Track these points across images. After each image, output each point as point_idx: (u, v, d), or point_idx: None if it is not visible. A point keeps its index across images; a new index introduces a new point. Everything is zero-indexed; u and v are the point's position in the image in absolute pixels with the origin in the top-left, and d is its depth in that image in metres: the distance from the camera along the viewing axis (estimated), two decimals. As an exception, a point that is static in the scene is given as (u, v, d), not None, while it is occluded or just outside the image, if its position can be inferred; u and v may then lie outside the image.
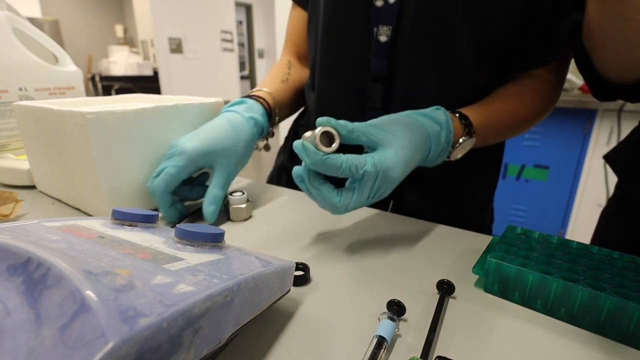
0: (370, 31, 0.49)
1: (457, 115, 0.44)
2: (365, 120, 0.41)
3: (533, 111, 0.50)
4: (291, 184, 0.62)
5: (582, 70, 0.48)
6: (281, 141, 0.70)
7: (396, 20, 0.47)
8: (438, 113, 0.41)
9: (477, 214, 0.60)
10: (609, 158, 0.54)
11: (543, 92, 0.50)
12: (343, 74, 0.54)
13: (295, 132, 0.66)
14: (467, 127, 0.44)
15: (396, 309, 0.28)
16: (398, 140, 0.36)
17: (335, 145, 0.34)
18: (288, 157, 0.65)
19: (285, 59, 0.64)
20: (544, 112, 0.51)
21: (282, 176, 0.67)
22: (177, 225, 0.26)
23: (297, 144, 0.34)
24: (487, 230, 0.61)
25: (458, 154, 0.44)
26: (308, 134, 0.37)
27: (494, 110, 0.48)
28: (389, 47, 0.49)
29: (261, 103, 0.52)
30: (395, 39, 0.48)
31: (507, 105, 0.48)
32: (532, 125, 0.52)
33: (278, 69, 0.62)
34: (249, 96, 0.53)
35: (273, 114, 0.54)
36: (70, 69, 0.70)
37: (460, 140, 0.43)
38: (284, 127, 0.65)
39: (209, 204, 0.43)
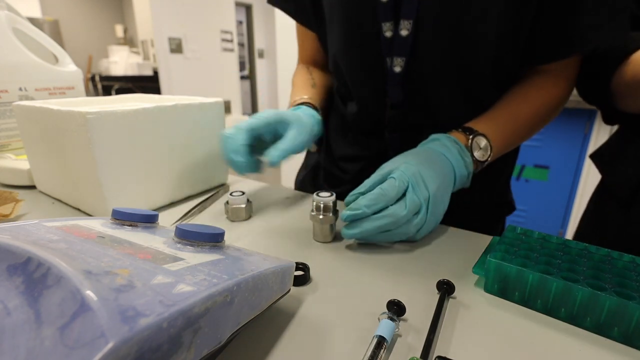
0: (384, 62, 0.49)
1: (459, 130, 0.45)
2: (385, 145, 0.52)
3: (541, 109, 0.49)
4: (329, 181, 0.63)
5: (597, 101, 0.51)
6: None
7: (410, 52, 0.47)
8: (449, 148, 0.42)
9: (491, 218, 0.60)
10: (595, 157, 0.57)
11: (552, 89, 0.49)
12: (362, 100, 0.56)
13: (324, 135, 0.67)
14: (467, 131, 0.44)
15: (396, 309, 0.28)
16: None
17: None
18: (326, 155, 0.65)
19: (302, 67, 0.65)
20: (555, 108, 0.50)
21: (317, 174, 0.67)
22: (177, 226, 0.26)
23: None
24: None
25: (483, 155, 0.44)
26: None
27: (501, 113, 0.48)
28: (402, 77, 0.49)
29: (317, 110, 0.54)
30: (409, 69, 0.48)
31: (514, 109, 0.48)
32: (544, 122, 0.51)
33: (302, 76, 0.63)
34: (302, 104, 0.54)
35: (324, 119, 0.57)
36: (70, 69, 0.70)
37: (469, 142, 0.44)
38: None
39: (274, 151, 0.44)
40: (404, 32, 0.46)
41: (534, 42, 0.46)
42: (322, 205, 0.40)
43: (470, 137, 0.44)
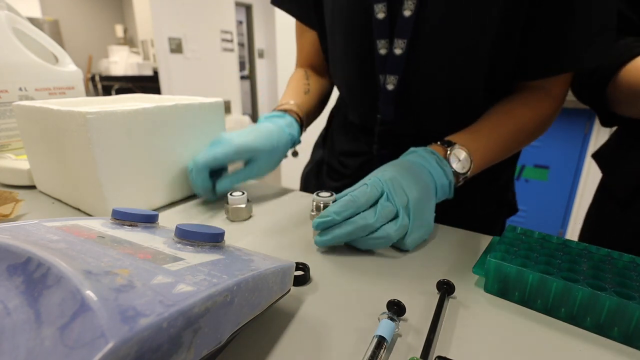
0: (377, 79, 0.49)
1: (438, 142, 0.45)
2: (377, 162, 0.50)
3: (527, 125, 0.49)
4: (331, 175, 0.64)
5: (594, 105, 0.51)
6: (311, 138, 0.72)
7: (403, 71, 0.47)
8: (428, 162, 0.42)
9: (490, 218, 0.60)
10: (596, 156, 0.57)
11: (540, 105, 0.49)
12: (356, 113, 0.56)
13: (330, 131, 0.67)
14: (445, 143, 0.44)
15: (396, 309, 0.28)
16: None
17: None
18: (329, 151, 0.66)
19: (300, 70, 0.65)
20: (542, 125, 0.50)
21: (321, 169, 0.68)
22: (177, 225, 0.26)
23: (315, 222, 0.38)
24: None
25: (463, 167, 0.43)
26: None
27: (484, 127, 0.48)
28: (395, 95, 0.49)
29: (297, 119, 0.56)
30: (401, 87, 0.48)
31: (498, 123, 0.48)
32: (531, 138, 0.50)
33: (297, 80, 0.63)
34: (285, 110, 0.56)
35: (303, 128, 0.58)
36: (70, 69, 0.70)
37: (448, 153, 0.43)
38: (317, 124, 0.67)
39: (226, 181, 0.49)
40: (397, 51, 0.46)
41: (524, 58, 0.46)
42: (321, 205, 0.40)
43: (448, 149, 0.43)
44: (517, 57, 0.46)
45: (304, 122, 0.58)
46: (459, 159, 0.43)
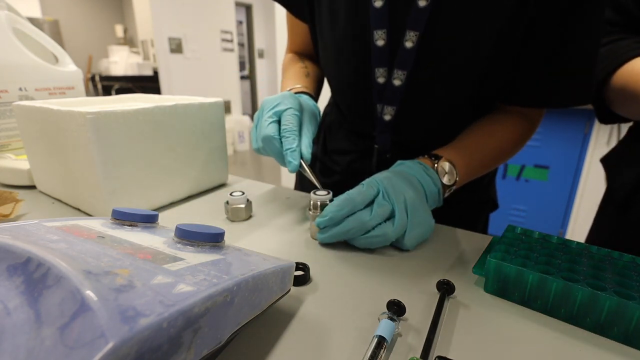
0: (374, 108, 0.49)
1: (425, 156, 0.46)
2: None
3: (506, 144, 0.49)
4: (323, 172, 0.64)
5: (593, 101, 0.52)
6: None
7: (400, 101, 0.47)
8: (424, 178, 0.42)
9: (473, 214, 0.61)
10: (603, 161, 0.58)
11: (518, 127, 0.49)
12: (351, 124, 0.56)
13: (322, 129, 0.67)
14: (432, 157, 0.45)
15: (396, 309, 0.28)
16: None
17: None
18: (321, 148, 0.65)
19: (294, 55, 0.64)
20: (518, 144, 0.51)
21: (314, 167, 0.67)
22: (177, 225, 0.26)
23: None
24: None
25: (449, 179, 0.44)
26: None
27: (468, 144, 0.48)
28: (392, 125, 0.49)
29: (312, 97, 0.53)
30: (398, 116, 0.48)
31: (481, 141, 0.49)
32: (508, 156, 0.51)
33: (294, 64, 0.62)
34: (301, 92, 0.53)
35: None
36: (70, 69, 0.70)
37: (435, 166, 0.44)
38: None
39: (305, 148, 0.41)
40: (396, 82, 0.45)
41: (510, 85, 0.46)
42: (318, 203, 0.40)
43: (436, 161, 0.44)
44: (505, 83, 0.47)
45: (316, 100, 0.56)
46: (446, 170, 0.44)
